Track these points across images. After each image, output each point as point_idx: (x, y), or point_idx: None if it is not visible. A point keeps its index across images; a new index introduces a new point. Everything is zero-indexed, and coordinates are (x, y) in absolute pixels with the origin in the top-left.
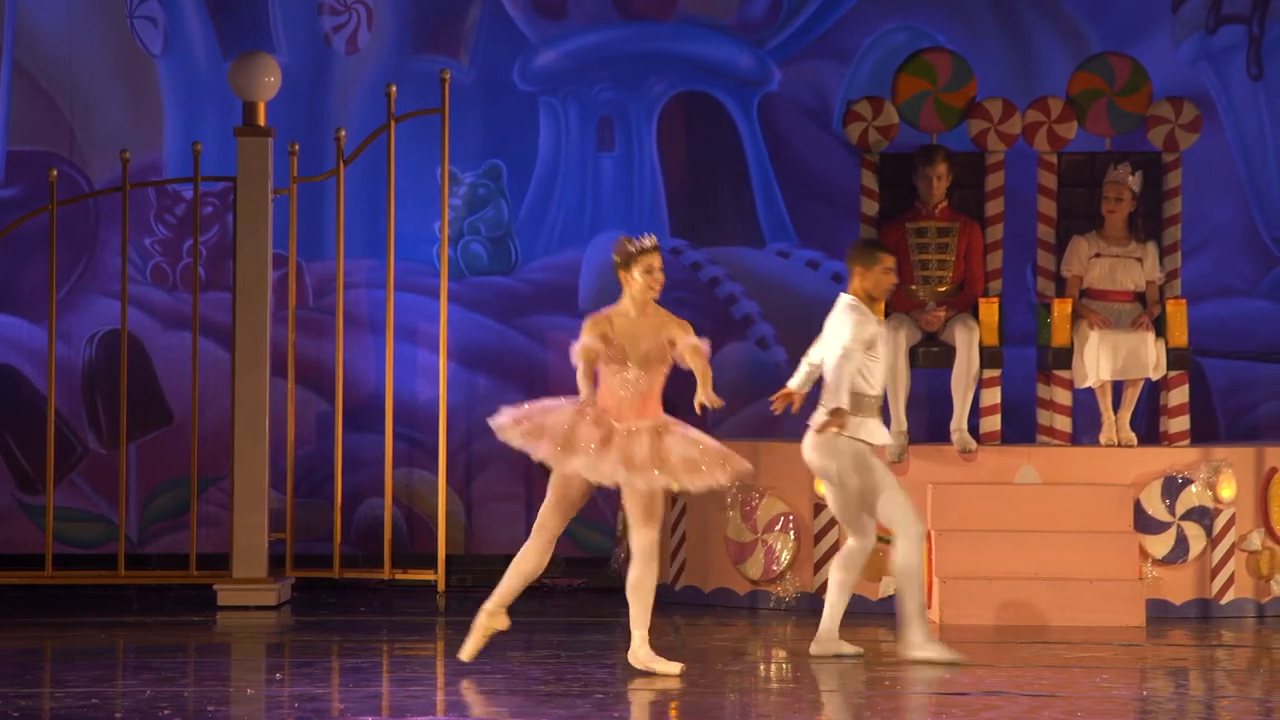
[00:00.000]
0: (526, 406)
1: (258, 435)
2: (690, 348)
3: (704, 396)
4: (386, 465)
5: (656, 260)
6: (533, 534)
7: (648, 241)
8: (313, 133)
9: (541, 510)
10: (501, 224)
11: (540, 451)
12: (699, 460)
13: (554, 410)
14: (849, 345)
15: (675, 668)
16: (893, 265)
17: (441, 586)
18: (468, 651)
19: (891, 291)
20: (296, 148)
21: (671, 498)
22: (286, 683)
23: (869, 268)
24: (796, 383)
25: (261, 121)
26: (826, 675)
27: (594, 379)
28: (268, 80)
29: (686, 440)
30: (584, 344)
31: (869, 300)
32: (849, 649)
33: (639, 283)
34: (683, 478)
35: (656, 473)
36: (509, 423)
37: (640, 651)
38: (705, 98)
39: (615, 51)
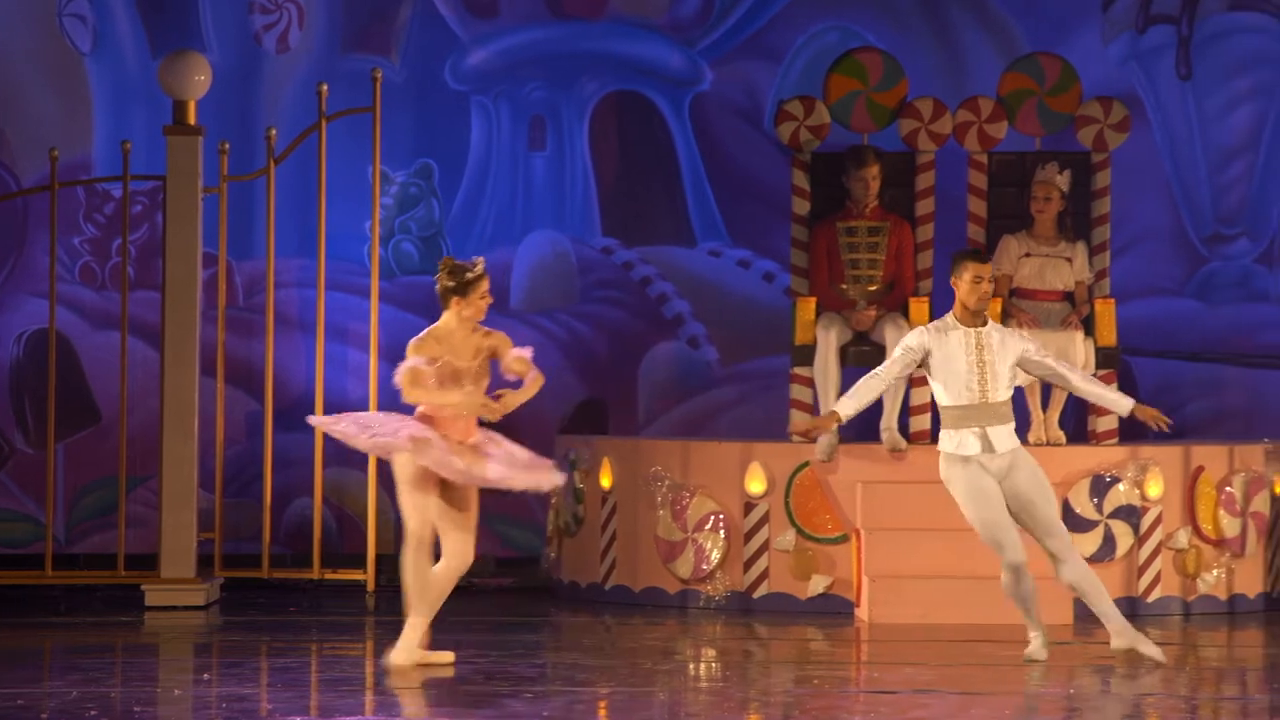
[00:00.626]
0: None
1: (186, 435)
2: (518, 358)
3: (512, 403)
4: (316, 465)
5: (487, 284)
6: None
7: (480, 267)
8: (243, 132)
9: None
10: (433, 223)
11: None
12: (530, 462)
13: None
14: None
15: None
16: (981, 274)
17: (371, 586)
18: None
19: (986, 303)
20: (227, 146)
21: (602, 496)
22: (214, 683)
23: (957, 280)
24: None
25: (191, 120)
26: (756, 674)
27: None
28: (197, 79)
29: (512, 450)
30: (413, 365)
31: (966, 313)
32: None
33: (475, 307)
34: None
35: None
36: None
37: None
38: (637, 97)
39: (547, 51)
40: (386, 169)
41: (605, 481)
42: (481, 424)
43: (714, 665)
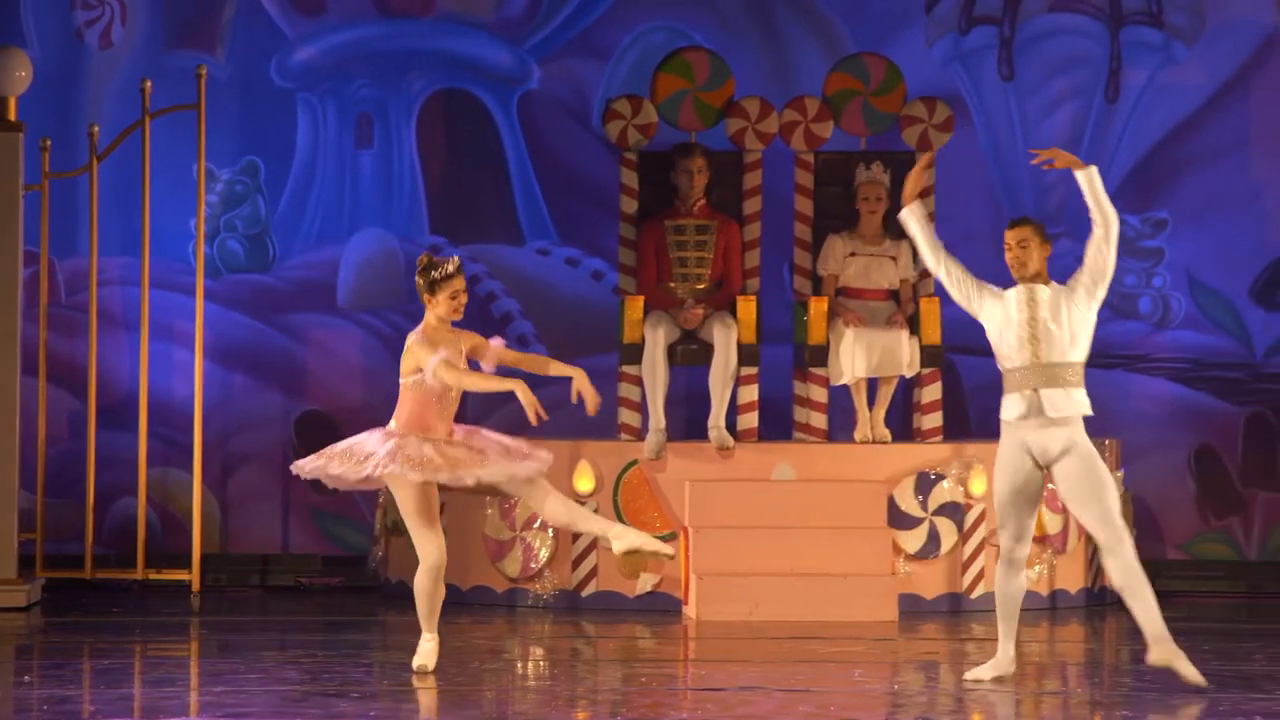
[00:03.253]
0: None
1: (7, 433)
2: (501, 348)
3: (576, 375)
4: (140, 464)
5: (461, 284)
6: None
7: (451, 266)
8: (66, 129)
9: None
10: (259, 221)
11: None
12: (519, 449)
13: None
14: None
15: None
16: (1009, 240)
17: (196, 586)
18: None
19: (1022, 268)
20: (48, 143)
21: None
22: (36, 685)
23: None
24: None
25: (12, 116)
26: (584, 672)
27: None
28: (18, 75)
29: (496, 440)
30: (441, 358)
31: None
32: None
33: (446, 306)
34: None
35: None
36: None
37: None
38: (465, 95)
39: (374, 48)
40: (212, 166)
41: None
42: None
43: (542, 664)
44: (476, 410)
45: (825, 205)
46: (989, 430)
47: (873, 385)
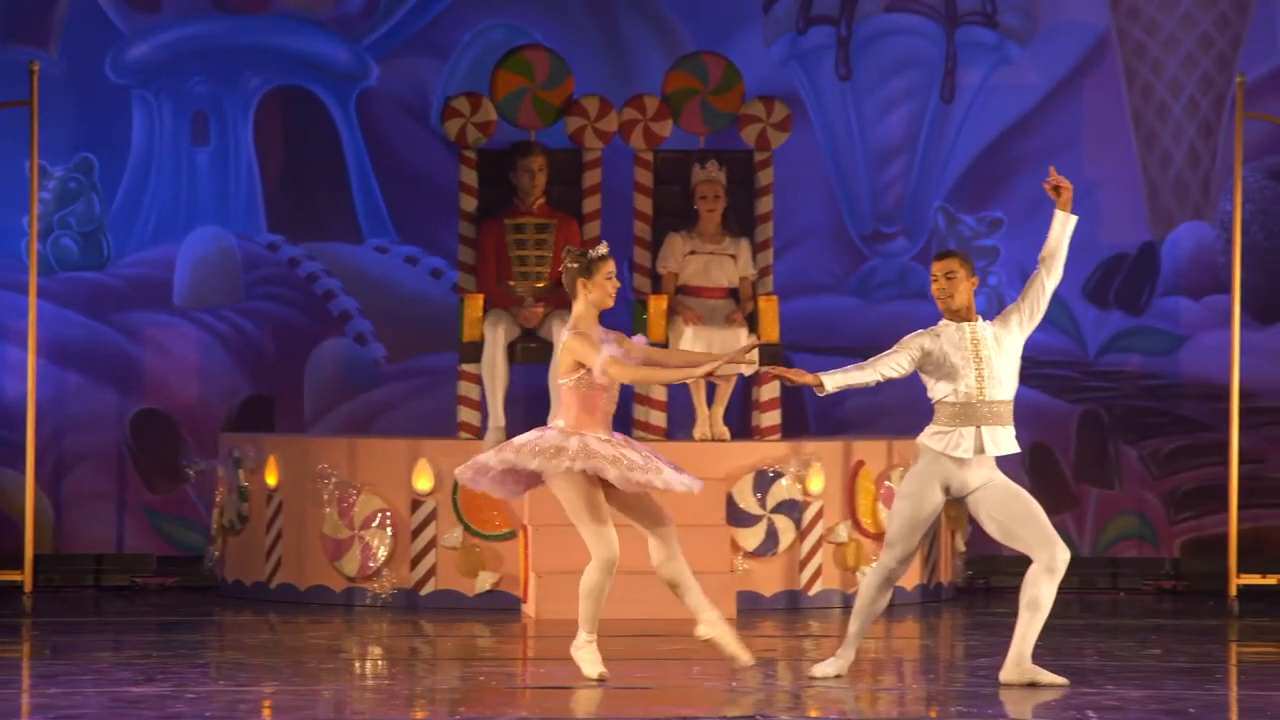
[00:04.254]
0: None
1: None
2: (644, 345)
3: (727, 358)
4: None
5: (614, 266)
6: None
7: (604, 248)
8: None
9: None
10: (93, 218)
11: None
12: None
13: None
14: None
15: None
16: (935, 271)
17: (29, 587)
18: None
19: (949, 300)
20: None
21: (267, 494)
22: None
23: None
24: None
25: None
26: (422, 670)
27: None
28: None
29: (647, 449)
30: (609, 356)
31: (948, 312)
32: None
33: (601, 290)
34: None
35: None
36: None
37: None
38: (302, 92)
39: (210, 44)
40: (45, 163)
41: (271, 479)
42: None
43: (380, 662)
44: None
45: (665, 203)
46: (827, 427)
47: (711, 383)
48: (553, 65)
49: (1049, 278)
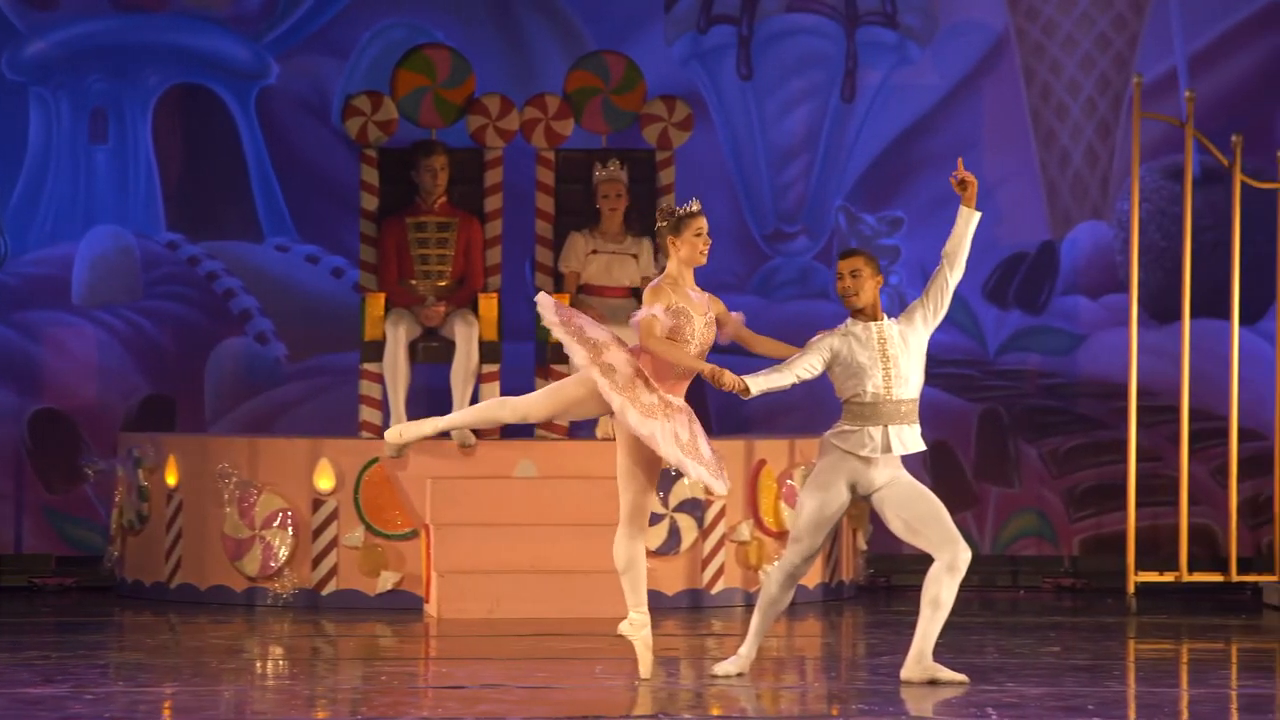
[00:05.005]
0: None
1: None
2: (741, 323)
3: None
4: None
5: (705, 224)
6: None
7: (695, 205)
8: None
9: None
10: None
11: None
12: (715, 460)
13: (606, 339)
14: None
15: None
16: (839, 269)
17: None
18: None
19: (853, 299)
20: None
21: (167, 494)
22: None
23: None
24: None
25: None
26: (323, 670)
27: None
28: None
29: (704, 436)
30: (650, 314)
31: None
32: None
33: (689, 247)
34: (706, 475)
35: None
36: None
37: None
38: (202, 90)
39: (108, 42)
40: None
41: (171, 479)
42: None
43: (281, 663)
44: None
45: (567, 203)
46: (729, 426)
47: None
48: (454, 64)
49: (952, 273)
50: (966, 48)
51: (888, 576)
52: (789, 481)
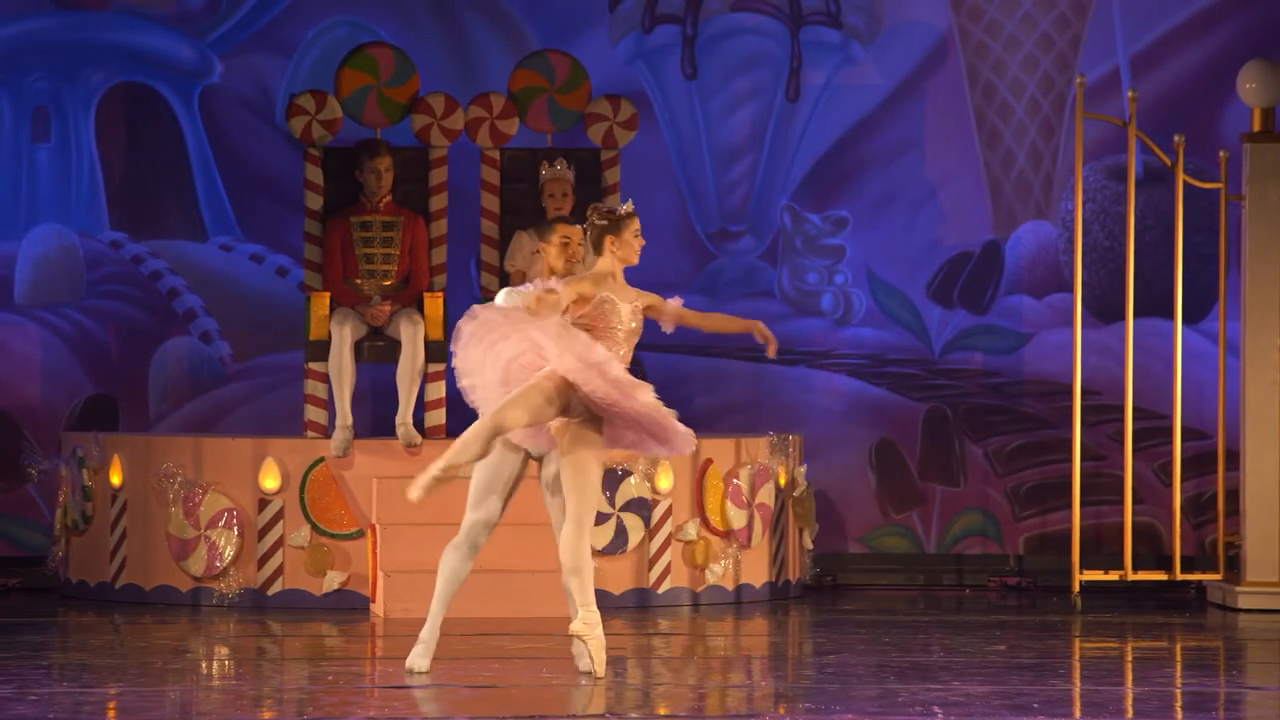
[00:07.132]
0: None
1: None
2: (679, 307)
3: (754, 325)
4: None
5: (639, 225)
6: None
7: (629, 206)
8: None
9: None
10: None
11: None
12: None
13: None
14: None
15: None
16: (568, 235)
17: None
18: None
19: (574, 265)
20: None
21: (112, 494)
22: None
23: (546, 246)
24: None
25: None
26: (269, 671)
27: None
28: None
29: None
30: (547, 286)
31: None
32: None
33: (629, 247)
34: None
35: None
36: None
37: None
38: (145, 89)
39: (50, 40)
40: None
41: (115, 479)
42: None
43: (227, 663)
44: None
45: (512, 202)
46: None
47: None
48: (398, 63)
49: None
50: (910, 48)
51: (834, 575)
52: (735, 481)
